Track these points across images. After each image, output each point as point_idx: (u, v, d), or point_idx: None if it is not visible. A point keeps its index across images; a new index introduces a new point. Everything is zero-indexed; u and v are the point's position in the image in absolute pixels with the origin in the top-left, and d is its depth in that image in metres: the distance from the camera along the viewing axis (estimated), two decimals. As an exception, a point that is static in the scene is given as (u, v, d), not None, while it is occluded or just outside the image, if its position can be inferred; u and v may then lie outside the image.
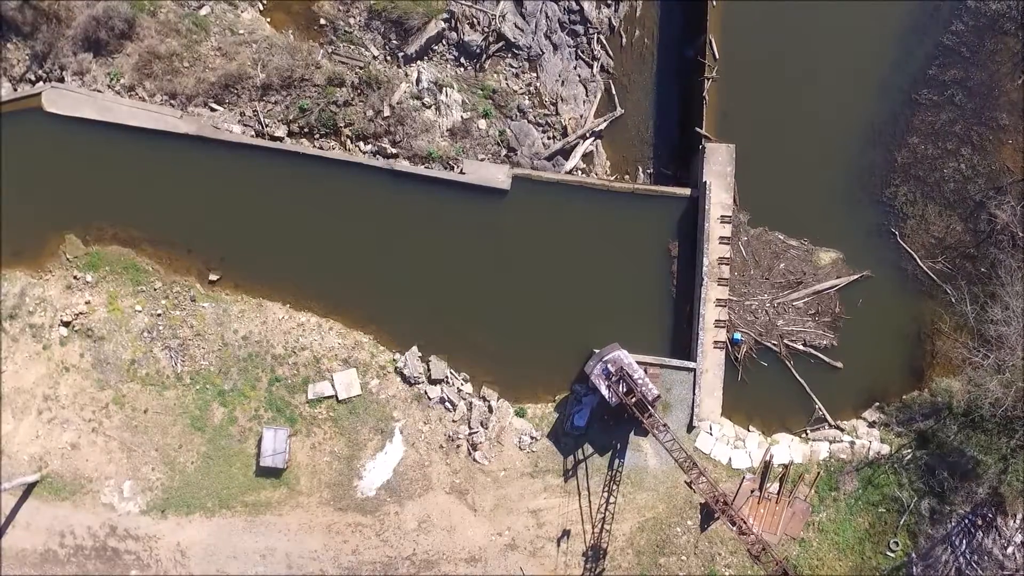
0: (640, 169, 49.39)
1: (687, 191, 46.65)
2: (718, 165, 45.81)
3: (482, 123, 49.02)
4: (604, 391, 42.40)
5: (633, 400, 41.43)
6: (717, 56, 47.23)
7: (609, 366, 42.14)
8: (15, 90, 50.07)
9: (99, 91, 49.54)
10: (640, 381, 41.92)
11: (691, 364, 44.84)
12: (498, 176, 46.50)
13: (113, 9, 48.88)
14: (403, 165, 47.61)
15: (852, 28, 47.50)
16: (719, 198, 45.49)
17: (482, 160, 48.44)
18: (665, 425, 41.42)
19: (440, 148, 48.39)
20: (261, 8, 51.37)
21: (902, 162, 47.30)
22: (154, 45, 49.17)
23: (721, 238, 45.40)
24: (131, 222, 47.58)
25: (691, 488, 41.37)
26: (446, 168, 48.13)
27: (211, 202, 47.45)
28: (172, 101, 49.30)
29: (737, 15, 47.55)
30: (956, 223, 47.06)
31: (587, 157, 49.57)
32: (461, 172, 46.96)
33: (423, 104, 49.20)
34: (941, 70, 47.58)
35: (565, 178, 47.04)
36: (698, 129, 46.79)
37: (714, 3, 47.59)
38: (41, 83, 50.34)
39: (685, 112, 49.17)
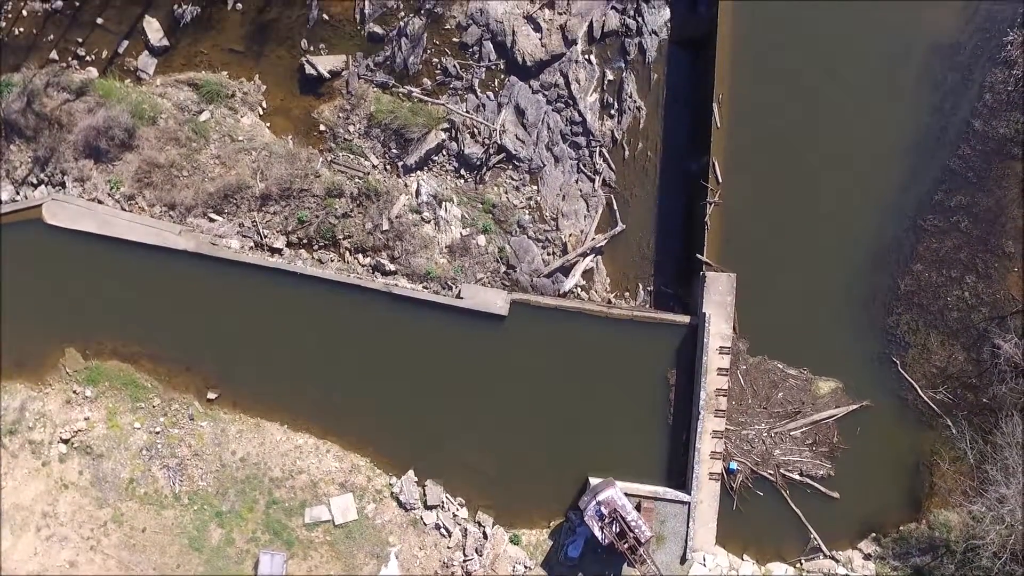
0: (641, 286, 49.08)
1: (686, 319, 46.35)
2: (718, 295, 45.45)
3: (481, 239, 48.75)
4: (597, 532, 42.53)
5: (626, 546, 41.51)
6: (720, 180, 46.64)
7: (603, 508, 42.18)
8: (17, 193, 50.19)
9: (99, 200, 49.62)
10: (633, 524, 41.97)
11: (686, 497, 44.81)
12: (496, 302, 46.34)
13: (113, 119, 48.82)
14: (401, 287, 47.45)
15: (857, 153, 46.82)
16: (718, 329, 45.19)
17: (480, 279, 48.26)
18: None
19: (439, 266, 48.23)
20: (261, 112, 51.10)
21: (905, 290, 46.80)
22: (153, 156, 49.13)
23: (719, 369, 45.15)
24: (131, 336, 47.81)
25: (682, 641, 41.56)
26: (444, 287, 47.99)
27: (210, 318, 47.57)
28: (171, 212, 49.32)
29: (741, 137, 46.86)
30: (958, 352, 46.60)
31: (587, 274, 49.27)
32: (459, 296, 46.79)
33: (422, 219, 48.96)
34: (947, 195, 46.88)
35: (563, 304, 46.83)
36: (699, 256, 46.38)
37: (718, 125, 46.84)
38: (43, 187, 50.52)
39: (688, 228, 48.77)
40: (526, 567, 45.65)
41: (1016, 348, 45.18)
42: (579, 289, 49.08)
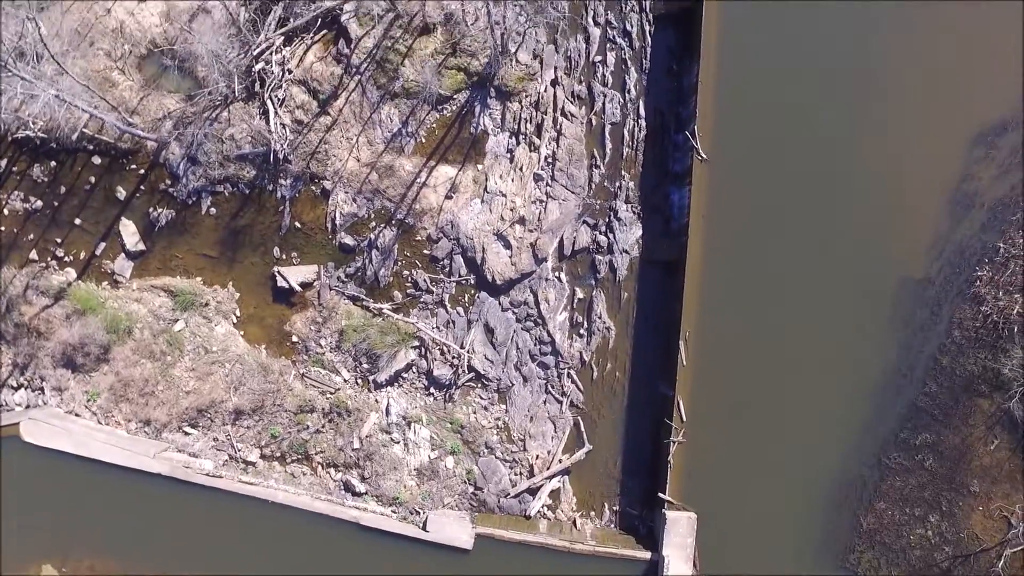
0: (606, 506, 49.61)
1: (647, 555, 46.92)
2: (679, 536, 45.96)
3: (450, 461, 49.38)
4: None
5: None
6: (684, 418, 46.88)
7: None
8: (-3, 395, 51.37)
9: (77, 413, 50.68)
10: None
11: None
12: (461, 536, 47.10)
13: (89, 337, 49.73)
14: (370, 513, 48.26)
15: (823, 392, 46.98)
16: (677, 570, 45.76)
17: (448, 503, 48.97)
18: None
19: (407, 489, 49.01)
20: (235, 321, 51.74)
21: (868, 527, 47.04)
22: (129, 373, 49.99)
23: (679, 610, 45.80)
24: (107, 554, 49.00)
25: None
26: (412, 512, 48.75)
27: (184, 537, 48.57)
28: (146, 428, 50.29)
29: (707, 375, 47.09)
30: (920, 591, 46.93)
31: (554, 494, 49.82)
32: (425, 528, 47.56)
33: (391, 439, 49.65)
34: (913, 433, 46.89)
35: (527, 538, 47.53)
36: (661, 494, 46.78)
37: (684, 363, 46.99)
38: (23, 390, 51.65)
39: (655, 449, 49.10)
40: None
41: (978, 590, 45.46)
42: (546, 508, 49.67)
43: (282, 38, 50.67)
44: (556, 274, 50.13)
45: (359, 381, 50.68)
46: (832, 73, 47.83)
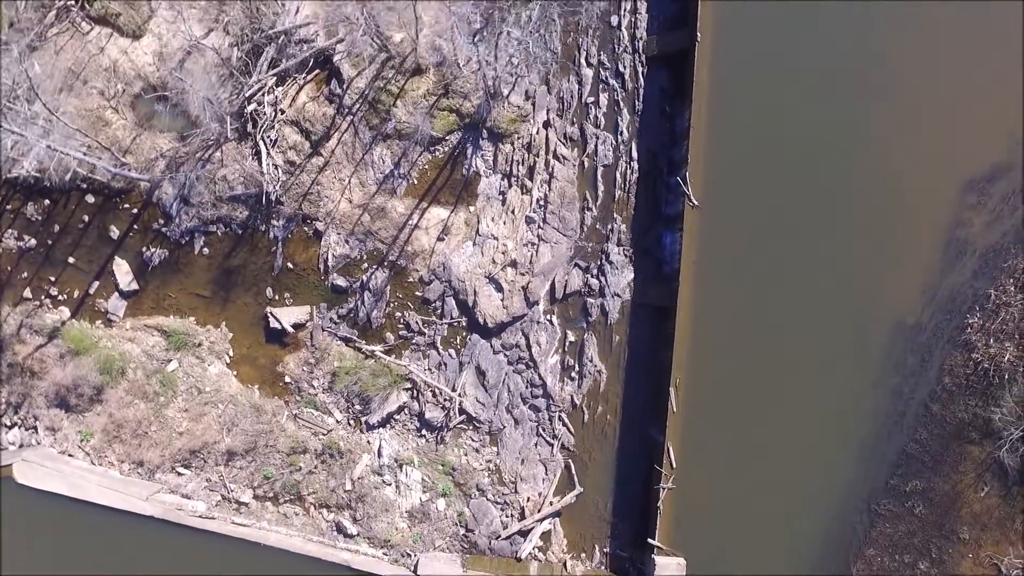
0: (597, 548, 49.79)
1: (637, 601, 47.14)
2: (668, 583, 46.14)
3: (441, 503, 49.56)
4: None
5: None
6: (675, 464, 46.97)
7: None
8: (-8, 433, 51.60)
9: (70, 454, 50.92)
10: None
11: None
12: (451, 580, 47.34)
13: (82, 378, 49.94)
14: (360, 560, 48.49)
15: (814, 440, 46.96)
16: (668, 616, 45.95)
17: (439, 546, 49.18)
18: None
19: (399, 531, 49.22)
20: (228, 360, 51.88)
21: (857, 575, 47.10)
22: (122, 415, 50.24)
23: (667, 657, 46.01)
24: (100, 596, 49.30)
25: None
26: (404, 555, 48.97)
27: (177, 579, 48.98)
28: (139, 469, 50.51)
29: (697, 423, 47.13)
30: (909, 637, 47.05)
31: (545, 535, 49.97)
32: (415, 572, 47.82)
33: (383, 481, 49.83)
34: (903, 480, 46.93)
35: (517, 582, 47.81)
36: (651, 540, 46.91)
37: (674, 410, 47.03)
38: (17, 429, 51.90)
39: (646, 492, 49.19)
40: None
41: (966, 638, 45.56)
42: (536, 550, 49.84)
43: (274, 79, 50.55)
44: (548, 317, 50.15)
45: (351, 422, 50.83)
46: (826, 120, 47.66)
